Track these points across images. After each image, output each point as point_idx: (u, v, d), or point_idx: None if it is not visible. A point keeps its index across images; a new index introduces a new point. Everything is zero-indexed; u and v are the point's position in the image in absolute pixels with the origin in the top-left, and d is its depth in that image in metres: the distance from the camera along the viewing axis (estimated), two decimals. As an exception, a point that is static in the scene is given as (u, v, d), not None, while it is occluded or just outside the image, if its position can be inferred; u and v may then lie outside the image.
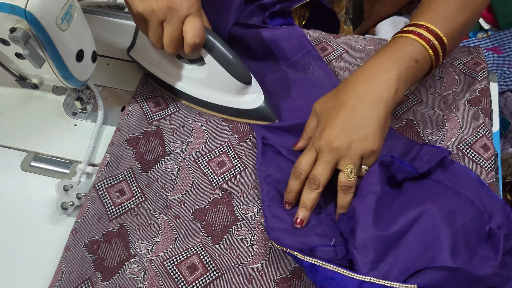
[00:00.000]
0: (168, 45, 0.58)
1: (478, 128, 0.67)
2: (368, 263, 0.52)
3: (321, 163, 0.57)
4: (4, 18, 0.51)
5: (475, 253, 0.54)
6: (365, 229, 0.53)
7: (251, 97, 0.66)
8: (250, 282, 0.56)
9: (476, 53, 0.75)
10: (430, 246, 0.52)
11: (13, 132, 0.68)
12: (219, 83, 0.65)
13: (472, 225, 0.55)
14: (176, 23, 0.56)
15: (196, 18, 0.56)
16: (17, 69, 0.61)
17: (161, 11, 0.55)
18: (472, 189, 0.58)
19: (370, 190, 0.56)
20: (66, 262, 0.56)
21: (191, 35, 0.56)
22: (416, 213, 0.54)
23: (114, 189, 0.62)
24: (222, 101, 0.66)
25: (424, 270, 0.51)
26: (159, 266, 0.57)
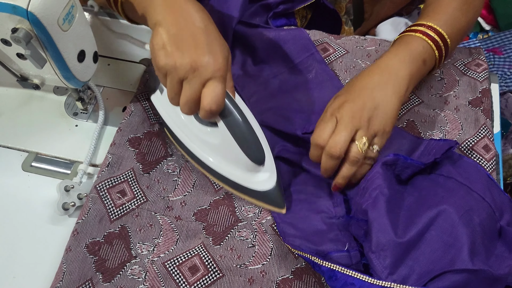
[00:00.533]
0: (184, 105, 0.52)
1: (480, 129, 0.67)
2: (387, 267, 0.52)
3: (343, 129, 0.58)
4: (5, 19, 0.50)
5: (491, 253, 0.54)
6: (381, 232, 0.53)
7: (262, 176, 0.59)
8: (252, 283, 0.56)
9: (477, 54, 0.75)
10: (449, 247, 0.52)
11: (14, 133, 0.68)
12: (230, 155, 0.58)
13: (486, 223, 0.55)
14: (196, 84, 0.50)
15: (219, 83, 0.50)
16: (18, 69, 0.61)
17: (183, 69, 0.50)
18: (483, 185, 0.58)
19: (380, 192, 0.55)
20: (67, 263, 0.56)
21: (208, 101, 0.50)
22: (432, 214, 0.54)
23: (115, 190, 0.61)
24: (230, 173, 0.60)
25: (444, 274, 0.51)
26: (160, 267, 0.57)
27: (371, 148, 0.59)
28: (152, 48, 0.53)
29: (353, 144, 0.58)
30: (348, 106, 0.59)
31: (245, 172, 0.58)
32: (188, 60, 0.50)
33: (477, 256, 0.52)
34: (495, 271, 0.51)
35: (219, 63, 0.51)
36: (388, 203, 0.55)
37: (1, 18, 0.51)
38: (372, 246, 0.53)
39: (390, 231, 0.53)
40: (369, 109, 0.58)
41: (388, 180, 0.57)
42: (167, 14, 0.53)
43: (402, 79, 0.61)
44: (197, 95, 0.51)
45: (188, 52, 0.50)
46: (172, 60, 0.50)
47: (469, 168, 0.60)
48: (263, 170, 0.58)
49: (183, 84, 0.52)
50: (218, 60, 0.51)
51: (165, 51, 0.51)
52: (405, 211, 0.56)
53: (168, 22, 0.52)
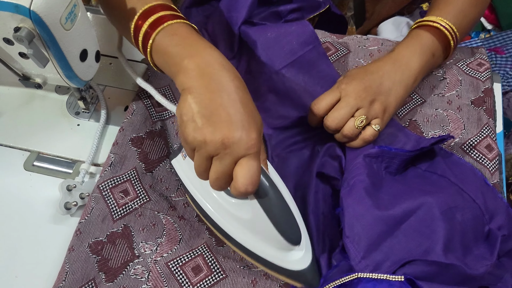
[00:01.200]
0: (214, 181, 0.47)
1: (482, 128, 0.67)
2: (360, 251, 0.53)
3: (345, 106, 0.61)
4: (8, 18, 0.50)
5: (470, 251, 0.54)
6: (355, 218, 0.54)
7: (295, 256, 0.54)
8: (255, 285, 0.56)
9: (479, 53, 0.75)
10: (425, 239, 0.53)
11: (16, 132, 0.68)
12: (262, 232, 0.53)
13: (470, 223, 0.56)
14: (228, 162, 0.45)
15: (253, 161, 0.45)
16: (20, 68, 0.61)
17: (214, 145, 0.45)
18: (476, 188, 0.59)
19: (358, 180, 0.57)
20: (70, 263, 0.56)
21: (243, 182, 0.45)
22: (415, 204, 0.55)
23: (118, 189, 0.61)
24: (261, 251, 0.54)
25: (415, 261, 0.52)
26: (163, 267, 0.57)
27: (373, 126, 0.61)
28: (180, 117, 0.48)
29: (351, 120, 0.61)
30: (355, 84, 0.62)
31: (278, 250, 0.53)
32: (220, 136, 0.45)
33: (452, 252, 0.52)
34: (469, 269, 0.51)
35: (253, 139, 0.45)
36: (367, 189, 0.56)
37: (4, 17, 0.50)
38: (346, 231, 0.54)
39: (367, 212, 0.54)
40: (374, 92, 0.61)
41: (371, 171, 0.58)
42: (199, 81, 0.48)
43: (412, 71, 0.65)
44: (229, 173, 0.46)
45: (220, 127, 0.45)
46: (202, 135, 0.45)
47: (465, 171, 0.61)
48: (297, 248, 0.54)
49: (213, 160, 0.47)
50: (252, 136, 0.45)
51: (194, 124, 0.46)
52: (389, 195, 0.57)
53: (199, 90, 0.47)
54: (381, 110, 0.62)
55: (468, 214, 0.56)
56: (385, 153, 0.59)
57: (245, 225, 0.54)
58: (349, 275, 0.52)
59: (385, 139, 0.64)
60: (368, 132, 0.61)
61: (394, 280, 0.50)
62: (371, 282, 0.50)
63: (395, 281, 0.50)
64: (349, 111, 0.60)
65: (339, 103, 0.61)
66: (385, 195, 0.57)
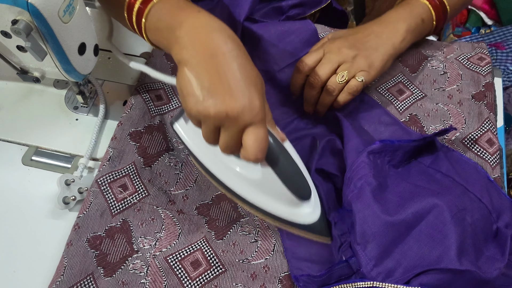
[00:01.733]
0: (224, 150, 0.48)
1: (483, 123, 0.66)
2: (372, 259, 0.52)
3: (326, 62, 0.63)
4: (6, 10, 0.50)
5: (481, 254, 0.53)
6: (366, 224, 0.53)
7: (305, 210, 0.56)
8: (254, 278, 0.56)
9: (480, 48, 0.75)
10: (437, 244, 0.52)
11: (14, 127, 0.67)
12: (273, 191, 0.54)
13: (480, 224, 0.55)
14: (235, 132, 0.45)
15: (260, 129, 0.45)
16: (18, 62, 0.61)
17: (218, 118, 0.45)
18: (481, 186, 0.58)
19: (365, 182, 0.55)
20: (69, 257, 0.55)
21: (252, 151, 0.45)
22: (424, 206, 0.54)
23: (116, 184, 0.61)
24: (271, 207, 0.56)
25: (429, 271, 0.50)
26: (162, 261, 0.56)
27: (357, 78, 0.63)
28: (181, 92, 0.48)
29: (333, 76, 0.63)
30: (338, 42, 0.65)
31: (288, 206, 0.55)
32: (223, 108, 0.44)
33: (465, 256, 0.51)
34: (483, 273, 0.50)
35: (256, 106, 0.45)
36: (375, 192, 0.55)
37: (1, 10, 0.50)
38: (357, 237, 0.53)
39: (377, 218, 0.53)
40: (357, 48, 0.64)
41: (376, 169, 0.57)
42: (191, 51, 0.47)
43: (399, 30, 0.66)
44: (238, 141, 0.46)
45: (222, 99, 0.44)
46: (205, 109, 0.45)
47: (469, 169, 0.61)
48: (307, 204, 0.56)
49: (221, 131, 0.47)
50: (255, 103, 0.45)
51: (195, 98, 0.45)
52: (397, 197, 0.56)
53: (193, 61, 0.46)
54: (365, 65, 0.63)
55: (476, 215, 0.55)
56: (388, 146, 0.59)
57: (254, 184, 0.55)
58: (364, 281, 0.51)
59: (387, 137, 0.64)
60: (352, 84, 0.63)
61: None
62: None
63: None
64: (331, 67, 0.63)
65: (322, 60, 0.64)
66: (392, 196, 0.56)
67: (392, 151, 0.60)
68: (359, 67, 0.63)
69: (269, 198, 0.55)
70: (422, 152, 0.62)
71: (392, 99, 0.70)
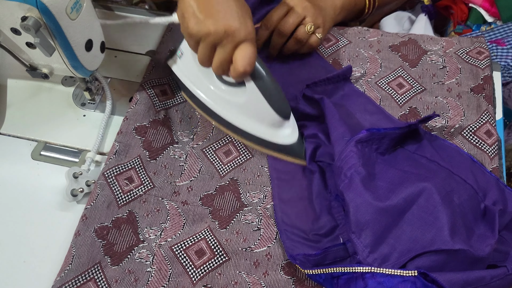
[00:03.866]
0: (217, 67, 0.55)
1: (482, 115, 0.67)
2: (368, 246, 0.54)
3: (293, 14, 0.70)
4: (15, 7, 0.52)
5: (472, 232, 0.55)
6: (359, 212, 0.54)
7: (285, 132, 0.62)
8: (257, 266, 0.57)
9: (478, 42, 0.76)
10: (429, 227, 0.53)
11: (23, 123, 0.69)
12: (256, 112, 0.61)
13: (468, 204, 0.56)
14: (230, 48, 0.53)
15: (251, 46, 0.54)
16: (28, 59, 0.63)
17: (217, 34, 0.52)
18: (465, 168, 0.60)
19: (355, 171, 0.57)
20: (76, 247, 0.57)
21: (242, 63, 0.53)
22: (413, 191, 0.55)
23: (123, 176, 0.63)
24: (255, 130, 0.63)
25: (423, 254, 0.52)
26: (167, 250, 0.58)
27: (317, 34, 0.72)
28: (182, 16, 0.54)
29: (301, 26, 0.71)
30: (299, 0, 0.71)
31: (269, 128, 0.62)
32: (222, 26, 0.52)
33: (457, 236, 0.52)
34: (475, 251, 0.52)
35: (249, 26, 0.53)
36: (365, 181, 0.56)
37: (11, 7, 0.52)
38: (352, 226, 0.55)
39: (369, 206, 0.54)
40: (317, 6, 0.72)
41: (364, 158, 0.59)
42: None
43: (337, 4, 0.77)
44: (231, 57, 0.54)
45: (220, 18, 0.52)
46: (205, 27, 0.52)
47: (452, 153, 0.63)
48: (286, 125, 0.62)
49: (217, 48, 0.54)
50: (248, 24, 0.53)
51: (196, 19, 0.53)
52: (386, 183, 0.58)
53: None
54: (321, 22, 0.72)
55: (463, 195, 0.57)
56: (375, 135, 0.60)
57: (239, 108, 0.62)
58: (362, 267, 0.52)
59: None
60: (313, 39, 0.72)
61: (408, 275, 0.50)
62: (384, 276, 0.51)
63: (409, 275, 0.50)
64: (298, 18, 0.70)
65: (289, 13, 0.70)
66: (382, 182, 0.58)
67: (379, 139, 0.61)
68: (318, 23, 0.72)
69: (252, 120, 0.62)
70: (407, 140, 0.65)
71: (392, 92, 0.71)
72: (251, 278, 0.56)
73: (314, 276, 0.54)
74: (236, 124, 0.64)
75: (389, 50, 0.76)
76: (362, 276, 0.52)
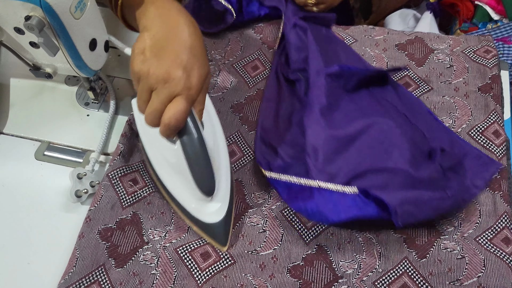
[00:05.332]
0: (148, 115, 0.49)
1: (489, 114, 0.66)
2: (318, 165, 0.59)
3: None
4: (19, 6, 0.51)
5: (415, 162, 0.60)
6: (313, 136, 0.61)
7: (209, 208, 0.56)
8: (263, 269, 0.56)
9: (486, 41, 0.75)
10: (375, 152, 0.60)
11: (27, 123, 0.69)
12: (183, 178, 0.54)
13: (414, 142, 0.62)
14: (164, 97, 0.48)
15: (185, 101, 0.48)
16: (31, 58, 0.62)
17: (155, 78, 0.48)
18: (422, 117, 0.66)
19: (316, 101, 0.63)
20: (80, 249, 0.57)
21: (169, 115, 0.47)
22: (366, 123, 0.62)
23: (127, 178, 0.62)
24: (180, 196, 0.57)
25: (366, 173, 0.58)
26: (172, 253, 0.57)
27: None
28: (132, 51, 0.51)
29: None
30: None
31: (193, 199, 0.56)
32: (162, 70, 0.48)
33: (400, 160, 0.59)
34: (414, 172, 0.57)
35: (191, 82, 0.48)
36: (323, 110, 0.63)
37: (15, 6, 0.51)
38: (307, 148, 0.60)
39: (323, 132, 0.61)
40: None
41: (330, 91, 0.65)
42: (156, 21, 0.52)
43: None
44: (163, 108, 0.48)
45: (165, 63, 0.48)
46: (146, 67, 0.48)
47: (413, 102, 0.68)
48: (214, 200, 0.56)
49: (153, 94, 0.49)
50: (191, 80, 0.48)
51: (143, 57, 0.49)
52: (344, 115, 0.64)
53: (154, 29, 0.51)
54: None
55: (413, 136, 0.63)
56: (345, 72, 0.66)
57: (171, 168, 0.57)
58: (310, 179, 0.58)
59: None
60: None
61: (349, 191, 0.56)
62: (328, 192, 0.57)
63: (350, 192, 0.56)
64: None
65: None
66: (340, 114, 0.64)
67: (348, 76, 0.66)
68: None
69: (180, 186, 0.57)
70: (375, 84, 0.69)
71: (399, 92, 0.71)
72: (257, 280, 0.56)
73: (273, 181, 0.60)
74: (166, 184, 0.58)
75: (395, 49, 0.75)
76: (310, 189, 0.58)
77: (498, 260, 0.56)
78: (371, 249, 0.57)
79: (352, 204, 0.55)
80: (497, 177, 0.61)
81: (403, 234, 0.58)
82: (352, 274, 0.56)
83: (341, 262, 0.57)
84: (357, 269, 0.56)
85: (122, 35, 0.72)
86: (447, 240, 0.58)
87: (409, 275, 0.56)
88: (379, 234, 0.58)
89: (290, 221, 0.59)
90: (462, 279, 0.55)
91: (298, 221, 0.60)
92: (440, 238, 0.58)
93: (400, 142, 0.60)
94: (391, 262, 0.56)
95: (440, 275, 0.55)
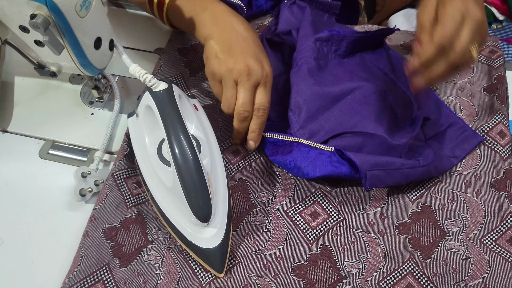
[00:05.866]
0: (240, 106, 0.58)
1: (494, 115, 0.66)
2: (300, 122, 0.61)
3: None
4: (24, 5, 0.51)
5: (396, 127, 0.62)
6: (299, 93, 0.62)
7: (206, 233, 0.54)
8: (267, 269, 0.56)
9: (492, 41, 0.75)
10: (356, 114, 0.62)
11: (31, 121, 0.69)
12: (179, 202, 0.53)
13: (399, 107, 0.64)
14: (249, 86, 0.57)
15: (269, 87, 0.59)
16: (36, 57, 0.62)
17: (237, 72, 0.57)
18: None
19: (305, 61, 0.64)
20: (85, 248, 0.57)
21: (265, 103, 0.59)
22: (352, 85, 0.63)
23: (132, 180, 0.62)
24: (175, 220, 0.55)
25: (344, 134, 0.61)
26: (177, 253, 0.57)
27: None
28: (206, 59, 0.59)
29: None
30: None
31: (188, 223, 0.54)
32: (242, 64, 0.56)
33: (379, 125, 0.61)
34: (391, 139, 0.59)
35: (266, 70, 0.58)
36: (311, 70, 0.64)
37: (20, 4, 0.51)
38: (291, 104, 0.62)
39: (308, 89, 0.62)
40: None
41: (319, 54, 0.66)
42: (214, 28, 0.60)
43: None
44: (252, 98, 0.58)
45: (240, 58, 0.57)
46: (224, 67, 0.57)
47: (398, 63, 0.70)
48: (210, 226, 0.54)
49: (238, 88, 0.57)
50: (265, 67, 0.58)
51: (218, 60, 0.58)
52: (332, 77, 0.65)
53: (216, 35, 0.59)
54: None
55: (399, 102, 0.64)
56: (334, 36, 0.67)
57: (167, 191, 0.55)
58: (291, 136, 0.61)
59: None
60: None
61: (326, 149, 0.59)
62: (307, 147, 0.59)
63: (327, 150, 0.59)
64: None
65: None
66: (328, 75, 0.65)
67: (338, 40, 0.68)
68: None
69: (175, 209, 0.55)
70: (367, 48, 0.71)
71: (403, 92, 0.70)
72: (262, 280, 0.55)
73: None
74: (161, 206, 0.56)
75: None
76: (290, 144, 0.61)
77: (503, 261, 0.56)
78: (376, 249, 0.57)
79: (328, 162, 0.58)
80: (502, 178, 0.61)
81: (408, 234, 0.58)
82: (356, 274, 0.56)
83: (345, 262, 0.57)
84: (361, 269, 0.56)
85: (127, 33, 0.72)
86: (452, 241, 0.58)
87: (414, 275, 0.56)
88: (383, 234, 0.58)
89: (294, 221, 0.59)
90: (467, 280, 0.55)
91: (303, 221, 0.60)
92: (445, 238, 0.58)
93: (381, 109, 0.63)
94: (395, 262, 0.56)
95: (445, 276, 0.55)
